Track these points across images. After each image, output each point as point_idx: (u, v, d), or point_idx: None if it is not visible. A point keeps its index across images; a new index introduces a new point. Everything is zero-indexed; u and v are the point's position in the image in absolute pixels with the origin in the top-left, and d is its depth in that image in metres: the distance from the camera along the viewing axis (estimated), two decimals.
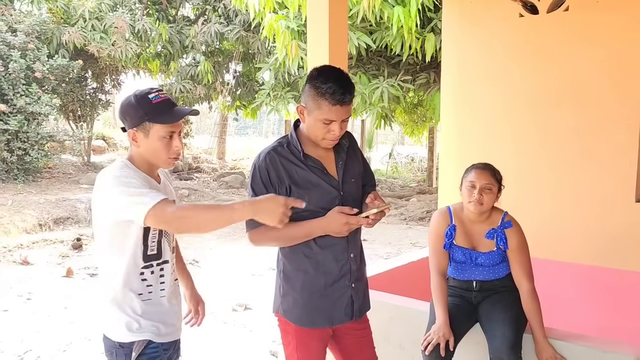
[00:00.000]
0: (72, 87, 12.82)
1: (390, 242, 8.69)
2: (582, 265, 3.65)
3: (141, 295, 1.79)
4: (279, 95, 9.36)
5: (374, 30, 7.53)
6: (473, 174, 2.45)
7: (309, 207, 1.93)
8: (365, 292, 2.13)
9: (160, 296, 1.83)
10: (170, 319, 1.87)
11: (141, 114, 1.74)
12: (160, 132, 1.76)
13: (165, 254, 1.85)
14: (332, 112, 1.86)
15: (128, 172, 1.72)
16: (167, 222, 1.66)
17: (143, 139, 1.77)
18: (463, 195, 2.48)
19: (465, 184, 2.46)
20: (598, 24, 3.53)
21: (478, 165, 2.49)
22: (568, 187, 3.69)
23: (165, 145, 1.77)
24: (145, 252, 1.78)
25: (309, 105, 1.89)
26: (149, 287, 1.80)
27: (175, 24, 12.38)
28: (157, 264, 1.83)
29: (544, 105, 3.77)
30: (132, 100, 1.76)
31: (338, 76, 1.88)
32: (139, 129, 1.76)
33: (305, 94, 1.90)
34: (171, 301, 1.88)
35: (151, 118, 1.74)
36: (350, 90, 1.87)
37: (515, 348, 2.26)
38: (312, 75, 1.90)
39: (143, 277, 1.79)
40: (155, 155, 1.79)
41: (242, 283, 6.23)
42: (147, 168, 1.82)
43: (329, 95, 1.83)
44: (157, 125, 1.75)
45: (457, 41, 4.22)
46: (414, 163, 21.04)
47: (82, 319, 4.84)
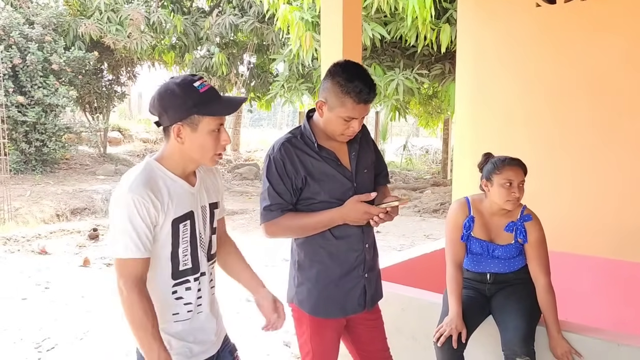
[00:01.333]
0: (88, 79, 12.96)
1: (404, 234, 8.67)
2: (599, 259, 3.61)
3: (177, 314, 1.65)
4: (293, 87, 9.36)
5: (389, 21, 7.48)
6: (509, 171, 2.36)
7: (323, 198, 1.94)
8: (377, 282, 2.14)
9: (197, 312, 1.69)
10: (206, 335, 1.72)
11: (189, 105, 1.54)
12: (210, 126, 1.57)
13: (203, 266, 1.70)
14: (356, 110, 1.86)
15: (135, 195, 1.52)
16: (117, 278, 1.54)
17: (190, 134, 1.56)
18: (496, 192, 2.38)
19: (499, 181, 2.37)
20: (616, 13, 3.46)
21: (511, 162, 2.39)
22: (586, 179, 3.65)
23: (215, 140, 1.59)
24: (177, 267, 1.63)
25: (331, 102, 1.87)
26: (187, 306, 1.66)
27: (189, 16, 12.42)
28: (195, 279, 1.67)
29: (561, 96, 3.72)
30: (175, 90, 1.55)
31: (363, 74, 1.87)
32: (185, 122, 1.55)
33: (327, 90, 1.88)
34: (208, 316, 1.73)
35: (201, 110, 1.55)
36: (374, 88, 1.87)
37: (527, 340, 2.25)
38: (335, 72, 1.87)
39: (177, 296, 1.64)
40: (202, 152, 1.60)
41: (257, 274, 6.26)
42: (183, 168, 1.63)
43: (355, 94, 1.82)
44: (207, 117, 1.56)
45: (472, 32, 4.17)
46: (428, 155, 20.92)
47: (99, 307, 4.92)
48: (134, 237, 1.52)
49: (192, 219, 1.65)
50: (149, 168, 1.60)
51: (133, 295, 1.52)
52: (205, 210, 1.72)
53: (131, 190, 1.53)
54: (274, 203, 1.93)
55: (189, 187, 1.66)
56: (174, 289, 1.64)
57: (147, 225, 1.54)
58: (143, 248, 1.54)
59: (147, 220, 1.53)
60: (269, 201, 1.93)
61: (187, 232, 1.64)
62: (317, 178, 1.93)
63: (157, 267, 1.61)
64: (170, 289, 1.63)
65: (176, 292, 1.64)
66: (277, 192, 1.92)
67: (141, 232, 1.53)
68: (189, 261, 1.66)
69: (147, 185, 1.55)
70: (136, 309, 1.52)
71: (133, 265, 1.53)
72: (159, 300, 1.61)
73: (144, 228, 1.53)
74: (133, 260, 1.53)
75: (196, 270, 1.68)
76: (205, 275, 1.71)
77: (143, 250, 1.54)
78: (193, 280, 1.67)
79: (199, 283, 1.68)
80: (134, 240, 1.52)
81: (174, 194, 1.60)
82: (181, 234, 1.62)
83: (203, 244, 1.70)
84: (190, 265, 1.66)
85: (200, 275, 1.69)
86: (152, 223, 1.55)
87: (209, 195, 1.75)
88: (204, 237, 1.72)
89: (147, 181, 1.56)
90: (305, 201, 1.96)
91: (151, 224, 1.55)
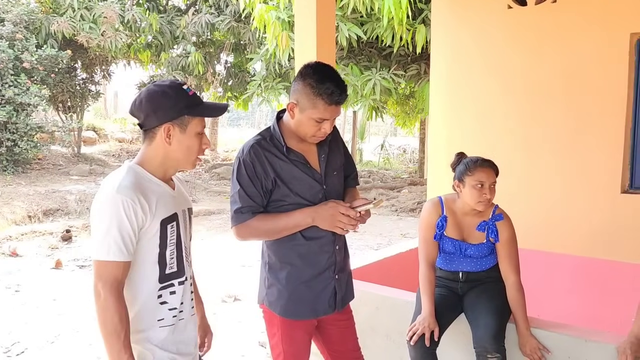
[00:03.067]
0: (61, 78, 12.72)
1: (381, 233, 8.73)
2: (570, 256, 3.68)
3: (162, 320, 1.62)
4: (270, 86, 9.34)
5: (365, 22, 7.52)
6: (481, 173, 2.38)
7: (293, 200, 1.94)
8: (348, 283, 2.13)
9: (180, 319, 1.66)
10: (188, 346, 1.70)
11: (181, 106, 1.57)
12: (197, 128, 1.61)
13: (186, 270, 1.69)
14: (328, 112, 1.86)
15: (123, 197, 1.50)
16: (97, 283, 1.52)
17: (178, 134, 1.59)
18: (468, 193, 2.41)
19: (470, 183, 2.39)
20: (585, 16, 3.54)
21: (483, 164, 2.41)
22: (557, 178, 3.72)
23: (199, 142, 1.63)
24: (164, 270, 1.61)
25: (302, 103, 1.87)
26: (172, 311, 1.63)
27: (165, 14, 12.30)
28: (180, 283, 1.66)
29: (533, 97, 3.78)
30: (167, 91, 1.58)
31: (334, 76, 1.87)
32: (175, 123, 1.58)
33: (298, 91, 1.87)
34: (189, 324, 1.71)
35: (191, 111, 1.59)
36: (346, 90, 1.87)
37: (498, 337, 2.27)
38: (307, 73, 1.87)
39: (162, 300, 1.62)
40: (188, 154, 1.62)
41: (232, 274, 6.24)
42: (164, 172, 1.64)
43: (326, 95, 1.82)
44: (196, 119, 1.60)
45: (446, 33, 4.21)
46: (405, 154, 21.10)
47: (71, 310, 4.83)
48: (118, 240, 1.50)
49: (177, 220, 1.65)
50: (132, 172, 1.58)
51: (110, 299, 1.49)
52: (186, 214, 1.72)
53: (120, 192, 1.51)
54: (244, 205, 1.91)
55: (170, 190, 1.66)
56: (160, 293, 1.61)
57: (132, 228, 1.52)
58: (126, 251, 1.52)
59: (133, 223, 1.52)
60: (239, 204, 1.92)
61: (174, 233, 1.63)
62: (286, 180, 1.93)
63: (144, 270, 1.59)
64: (156, 292, 1.61)
65: (161, 296, 1.62)
66: (248, 194, 1.91)
67: (126, 235, 1.51)
68: (175, 264, 1.64)
69: (136, 188, 1.54)
70: (112, 313, 1.49)
71: (114, 268, 1.51)
72: (144, 305, 1.59)
73: (130, 231, 1.52)
74: (115, 263, 1.51)
75: (181, 274, 1.66)
76: (188, 280, 1.70)
77: (126, 253, 1.52)
78: (178, 284, 1.65)
79: (183, 288, 1.67)
80: (117, 243, 1.50)
81: (159, 196, 1.60)
82: (169, 235, 1.61)
83: (186, 248, 1.70)
84: (175, 268, 1.65)
85: (184, 279, 1.68)
86: (138, 226, 1.54)
87: (186, 200, 1.75)
88: (186, 242, 1.71)
89: (135, 183, 1.55)
90: (275, 203, 1.95)
91: (137, 227, 1.54)
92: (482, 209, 2.41)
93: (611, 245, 3.52)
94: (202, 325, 1.93)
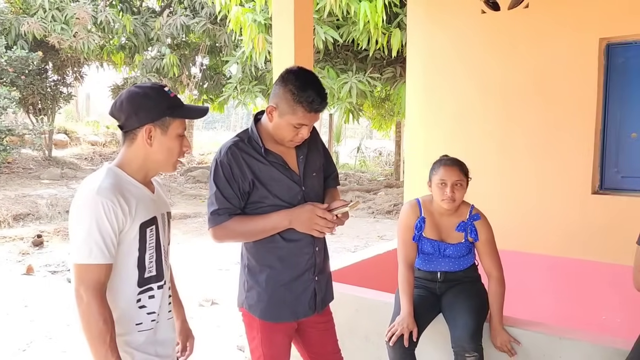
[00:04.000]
0: (31, 80, 12.44)
1: (358, 235, 8.76)
2: (543, 256, 3.76)
3: (140, 324, 1.60)
4: (246, 89, 9.31)
5: (341, 25, 7.55)
6: (443, 171, 2.44)
7: (272, 202, 1.93)
8: (328, 284, 2.14)
9: (157, 322, 1.64)
10: (167, 348, 1.69)
11: (163, 107, 1.57)
12: (178, 129, 1.60)
13: (166, 274, 1.68)
14: (307, 118, 1.87)
15: (103, 199, 1.49)
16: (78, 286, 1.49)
17: (160, 136, 1.58)
18: (434, 192, 2.49)
19: (435, 181, 2.46)
20: (556, 21, 3.62)
21: (446, 162, 2.48)
22: (531, 180, 3.79)
23: (180, 145, 1.62)
24: (143, 274, 1.59)
25: (282, 108, 1.87)
26: (151, 315, 1.62)
27: (139, 16, 12.14)
28: (159, 287, 1.64)
29: (507, 100, 3.85)
30: (149, 92, 1.57)
31: (316, 83, 1.87)
32: (157, 124, 1.57)
33: (279, 96, 1.87)
34: (167, 326, 1.69)
35: (173, 112, 1.58)
36: (326, 98, 1.88)
37: (476, 337, 2.31)
38: (288, 79, 1.87)
39: (141, 304, 1.60)
40: (168, 156, 1.61)
41: (209, 278, 6.19)
42: (144, 174, 1.63)
43: (307, 103, 1.83)
44: (177, 121, 1.59)
45: (422, 36, 4.26)
46: (381, 157, 21.24)
47: (43, 317, 4.73)
48: (99, 242, 1.48)
49: (156, 224, 1.64)
50: (112, 174, 1.56)
51: (93, 303, 1.47)
52: (165, 218, 1.71)
53: (100, 193, 1.49)
54: (221, 207, 1.90)
55: (150, 194, 1.65)
56: (139, 297, 1.59)
57: (113, 230, 1.50)
58: (108, 253, 1.50)
59: (114, 225, 1.50)
60: (216, 205, 1.91)
61: (153, 237, 1.62)
62: (264, 182, 1.92)
63: (123, 274, 1.56)
64: (135, 297, 1.59)
65: (140, 300, 1.60)
66: (225, 196, 1.90)
67: (107, 237, 1.49)
68: (154, 268, 1.63)
69: (116, 190, 1.52)
70: (96, 317, 1.47)
71: (96, 271, 1.48)
72: (122, 309, 1.57)
73: (110, 233, 1.50)
74: (97, 265, 1.48)
75: (160, 278, 1.65)
76: (166, 284, 1.69)
77: (108, 255, 1.50)
78: (157, 288, 1.64)
79: (162, 292, 1.65)
80: (99, 245, 1.48)
81: (139, 199, 1.58)
82: (148, 239, 1.60)
83: (165, 252, 1.68)
84: (154, 272, 1.63)
85: (163, 283, 1.66)
86: (118, 228, 1.52)
87: (165, 204, 1.74)
88: (165, 246, 1.70)
89: (115, 185, 1.53)
90: (254, 205, 1.94)
91: (117, 229, 1.52)
92: (446, 206, 2.46)
93: (583, 244, 3.60)
94: (183, 329, 1.91)
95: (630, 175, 3.54)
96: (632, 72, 3.49)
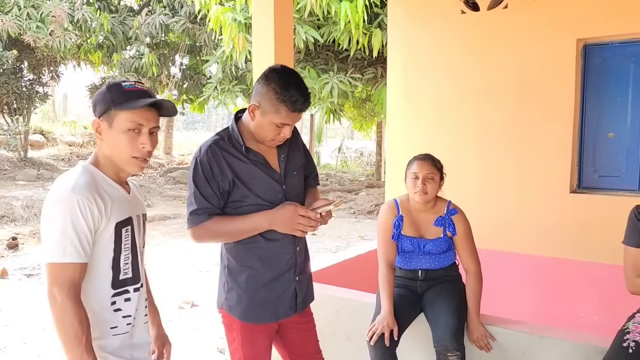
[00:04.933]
0: (6, 79, 12.19)
1: (340, 236, 8.76)
2: (522, 255, 3.79)
3: (115, 328, 1.55)
4: (227, 89, 9.24)
5: (322, 25, 7.55)
6: (415, 165, 2.53)
7: (253, 201, 1.91)
8: (309, 284, 2.12)
9: (133, 325, 1.60)
10: (143, 352, 1.65)
11: (108, 99, 1.51)
12: (125, 123, 1.51)
13: (141, 277, 1.64)
14: (289, 118, 1.85)
15: (79, 196, 1.44)
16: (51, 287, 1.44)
17: (107, 130, 1.53)
18: (408, 186, 2.55)
19: (409, 176, 2.54)
20: (534, 21, 3.66)
21: (419, 157, 2.57)
22: (510, 179, 3.82)
23: (130, 140, 1.52)
24: (117, 276, 1.55)
25: (264, 107, 1.85)
26: (126, 319, 1.57)
27: (117, 14, 11.97)
28: (135, 289, 1.60)
29: (487, 100, 3.87)
30: (104, 87, 1.55)
31: (299, 83, 1.86)
32: (104, 117, 1.53)
33: (261, 95, 1.85)
34: (143, 330, 1.65)
35: (117, 104, 1.51)
36: (309, 97, 1.87)
37: (457, 336, 2.31)
38: (271, 77, 1.85)
39: (116, 307, 1.55)
40: (117, 152, 1.54)
41: (189, 280, 6.12)
42: (114, 172, 1.59)
43: (290, 103, 1.81)
44: (122, 113, 1.50)
45: (402, 36, 4.27)
46: (363, 157, 21.30)
47: (18, 321, 4.62)
48: (74, 241, 1.44)
49: (132, 225, 1.60)
50: (87, 172, 1.53)
51: (68, 304, 1.42)
52: (140, 219, 1.67)
53: (75, 191, 1.45)
54: (201, 207, 1.87)
55: (125, 193, 1.61)
56: (113, 300, 1.55)
57: (89, 228, 1.46)
58: (83, 252, 1.46)
59: (90, 223, 1.46)
60: (195, 205, 1.88)
61: (129, 238, 1.58)
62: (245, 181, 1.90)
63: (96, 275, 1.52)
64: (109, 299, 1.54)
65: (115, 303, 1.55)
66: (204, 195, 1.87)
67: (82, 235, 1.45)
68: (130, 270, 1.59)
69: (91, 187, 1.48)
70: (71, 318, 1.42)
71: (71, 271, 1.44)
72: (96, 312, 1.52)
73: (86, 231, 1.46)
74: (71, 265, 1.44)
75: (136, 280, 1.61)
76: (143, 287, 1.65)
77: (83, 255, 1.46)
78: (133, 290, 1.59)
79: (138, 294, 1.61)
80: (74, 244, 1.44)
81: (114, 198, 1.55)
82: (123, 239, 1.56)
83: (141, 254, 1.65)
84: (130, 274, 1.59)
85: (140, 286, 1.62)
86: (94, 227, 1.48)
87: (140, 205, 1.70)
88: (141, 248, 1.66)
89: (91, 183, 1.49)
90: (234, 204, 1.92)
91: (93, 227, 1.48)
92: (418, 199, 2.51)
93: (561, 243, 3.64)
94: (159, 335, 1.87)
95: (607, 175, 3.59)
96: (609, 72, 3.54)
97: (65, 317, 1.42)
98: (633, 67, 3.47)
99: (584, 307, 3.60)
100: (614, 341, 2.06)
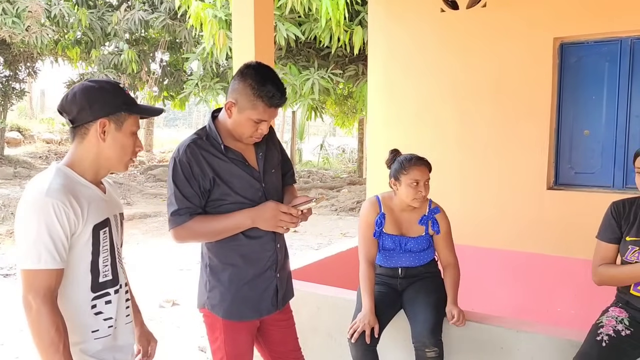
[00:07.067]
0: None
1: (322, 233, 8.78)
2: (500, 250, 3.85)
3: (97, 332, 1.53)
4: (208, 86, 9.17)
5: (303, 22, 7.53)
6: (416, 171, 2.46)
7: (233, 199, 1.91)
8: (288, 281, 2.14)
9: (115, 327, 1.58)
10: (126, 354, 1.63)
11: (119, 102, 1.51)
12: (133, 127, 1.56)
13: (122, 277, 1.63)
14: (267, 114, 1.86)
15: (54, 200, 1.41)
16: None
17: (114, 131, 1.52)
18: (404, 191, 2.49)
19: (406, 181, 2.47)
20: (512, 21, 3.71)
21: (415, 162, 2.49)
22: (488, 176, 3.87)
23: (133, 143, 1.57)
24: (97, 279, 1.52)
25: (241, 103, 1.85)
26: (107, 321, 1.55)
27: (96, 10, 11.78)
28: (115, 291, 1.58)
29: (466, 97, 3.92)
30: (105, 86, 1.53)
31: (275, 78, 1.86)
32: (112, 119, 1.51)
33: (238, 91, 1.85)
34: (125, 331, 1.63)
35: (129, 108, 1.53)
36: (285, 93, 1.88)
37: (435, 331, 2.34)
38: (247, 73, 1.85)
39: (97, 310, 1.53)
40: (121, 154, 1.55)
41: (170, 278, 6.08)
42: (95, 173, 1.56)
43: (267, 98, 1.82)
44: (132, 118, 1.54)
45: (383, 34, 4.29)
46: (344, 154, 21.34)
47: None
48: (49, 246, 1.40)
49: (109, 226, 1.57)
50: (62, 174, 1.49)
51: (44, 311, 1.39)
52: (117, 219, 1.64)
53: (49, 195, 1.41)
54: (182, 207, 1.86)
55: (101, 194, 1.58)
56: (94, 303, 1.52)
57: (65, 233, 1.43)
58: (59, 258, 1.42)
59: (65, 227, 1.43)
60: (176, 205, 1.86)
61: (107, 240, 1.55)
62: (225, 179, 1.89)
63: (75, 279, 1.49)
64: (89, 303, 1.52)
65: (95, 306, 1.53)
66: (185, 195, 1.86)
67: (58, 240, 1.42)
68: (109, 272, 1.56)
69: (66, 190, 1.44)
70: (47, 325, 1.39)
71: (46, 277, 1.40)
72: (76, 316, 1.49)
73: (62, 236, 1.42)
74: (47, 271, 1.40)
75: (116, 282, 1.58)
76: (123, 288, 1.63)
77: (59, 260, 1.42)
78: (113, 292, 1.57)
79: (118, 296, 1.59)
80: (49, 249, 1.40)
81: (90, 200, 1.51)
82: (102, 241, 1.53)
83: (119, 254, 1.63)
84: (110, 276, 1.56)
85: (119, 287, 1.60)
86: (70, 231, 1.45)
87: (117, 205, 1.67)
88: (119, 248, 1.64)
89: (66, 186, 1.45)
90: (215, 202, 1.91)
91: (69, 232, 1.44)
92: (417, 205, 2.52)
93: (538, 239, 3.71)
94: (143, 333, 1.86)
95: (583, 171, 3.66)
96: (585, 71, 3.61)
97: (41, 324, 1.40)
98: (608, 66, 3.54)
99: (561, 302, 3.67)
100: (588, 335, 2.11)
